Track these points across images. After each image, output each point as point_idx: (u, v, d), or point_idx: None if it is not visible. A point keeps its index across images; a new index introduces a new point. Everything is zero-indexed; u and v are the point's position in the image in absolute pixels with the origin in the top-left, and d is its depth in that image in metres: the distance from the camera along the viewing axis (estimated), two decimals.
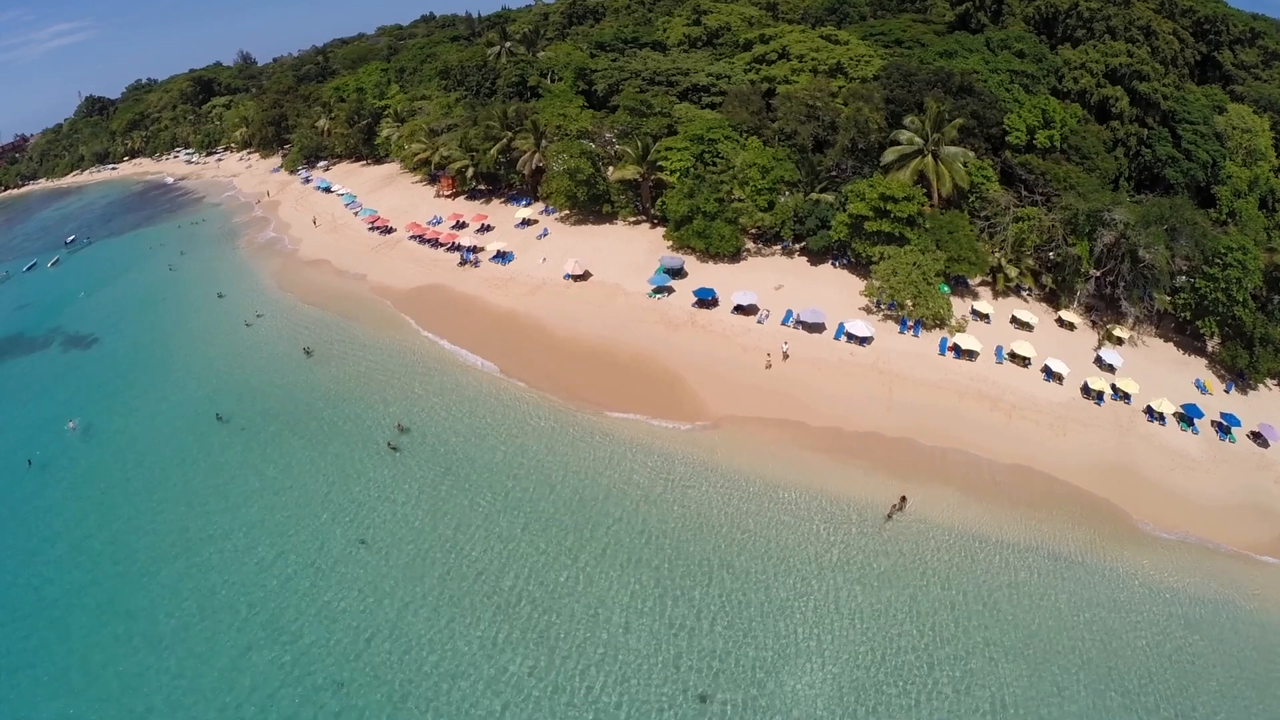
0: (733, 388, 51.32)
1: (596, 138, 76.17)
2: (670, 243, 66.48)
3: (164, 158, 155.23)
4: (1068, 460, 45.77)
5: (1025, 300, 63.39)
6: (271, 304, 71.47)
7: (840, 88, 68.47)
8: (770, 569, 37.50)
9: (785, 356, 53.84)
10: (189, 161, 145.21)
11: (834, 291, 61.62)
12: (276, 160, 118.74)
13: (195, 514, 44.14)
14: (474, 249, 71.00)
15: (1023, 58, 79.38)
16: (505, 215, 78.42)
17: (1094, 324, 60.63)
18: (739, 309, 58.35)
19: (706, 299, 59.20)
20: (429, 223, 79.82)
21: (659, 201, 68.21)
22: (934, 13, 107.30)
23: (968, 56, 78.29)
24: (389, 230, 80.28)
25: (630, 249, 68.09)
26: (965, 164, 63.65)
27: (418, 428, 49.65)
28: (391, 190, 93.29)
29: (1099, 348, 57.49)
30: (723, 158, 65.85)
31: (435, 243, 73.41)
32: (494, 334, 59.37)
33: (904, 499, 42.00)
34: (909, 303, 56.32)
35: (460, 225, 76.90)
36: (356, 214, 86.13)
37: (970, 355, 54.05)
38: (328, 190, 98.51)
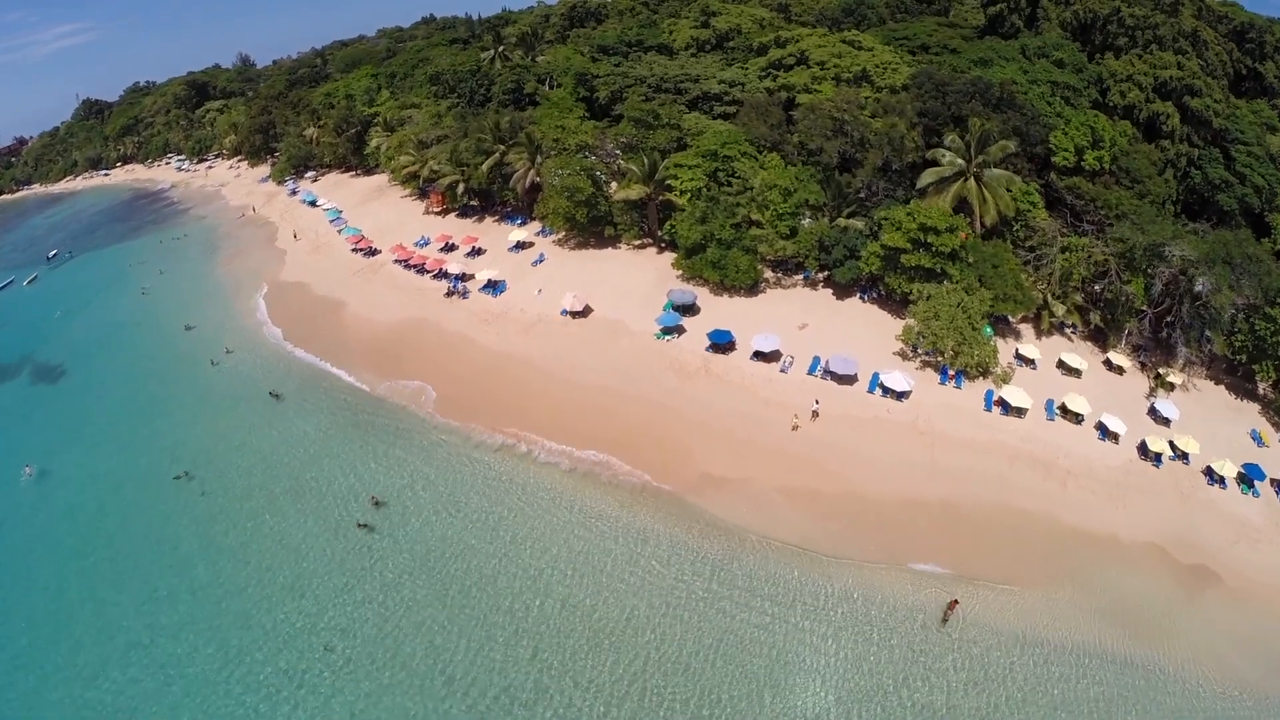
0: (755, 453, 42.14)
1: (598, 151, 66.62)
2: (680, 272, 56.93)
3: (156, 164, 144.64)
4: (1130, 536, 38.14)
5: (1070, 338, 54.06)
6: (242, 337, 62.31)
7: (868, 99, 58.66)
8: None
9: (815, 415, 44.83)
10: (180, 169, 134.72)
11: (864, 331, 52.24)
12: (265, 169, 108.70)
13: (146, 608, 36.01)
14: (463, 277, 61.43)
15: (1062, 67, 69.26)
16: (498, 236, 68.70)
17: (1143, 366, 51.54)
18: (759, 355, 48.90)
19: (722, 343, 49.62)
20: (416, 244, 70.23)
21: (667, 225, 58.77)
22: (957, 15, 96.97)
23: (1004, 65, 68.15)
24: (373, 252, 70.67)
25: (635, 278, 58.52)
26: (1009, 189, 54.26)
27: (395, 500, 40.87)
28: (380, 204, 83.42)
29: (1151, 395, 49.23)
30: (739, 177, 56.12)
31: (421, 269, 63.88)
32: (481, 383, 49.85)
33: (955, 602, 33.70)
34: (951, 350, 47.27)
35: (449, 248, 67.33)
36: (340, 231, 76.50)
37: (1019, 412, 45.18)
38: (313, 204, 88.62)
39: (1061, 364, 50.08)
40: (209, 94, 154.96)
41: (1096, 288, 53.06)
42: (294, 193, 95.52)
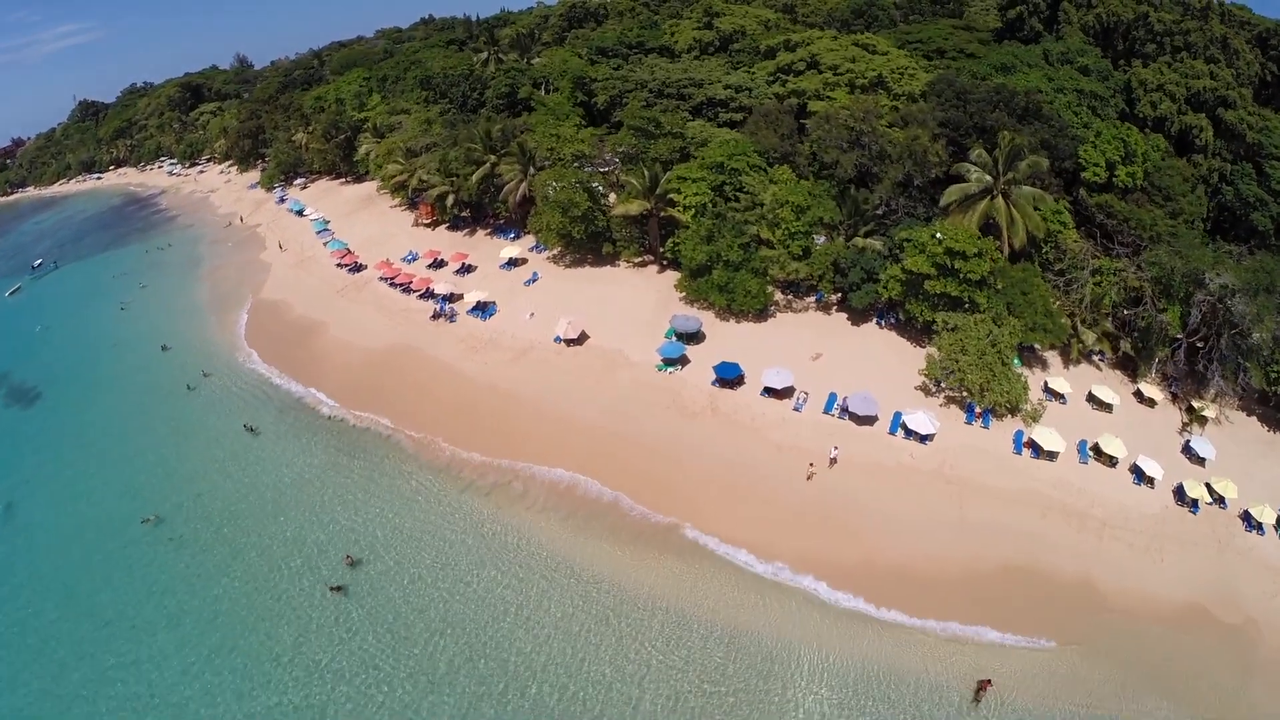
0: (766, 508, 37.03)
1: (596, 160, 61.13)
2: (683, 294, 51.52)
3: (148, 167, 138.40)
4: (1170, 594, 34.19)
5: (1098, 367, 48.87)
6: (220, 359, 57.02)
7: (885, 107, 52.98)
8: None
9: (832, 463, 39.67)
10: (171, 173, 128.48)
11: (882, 361, 46.88)
12: (256, 175, 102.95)
13: (102, 683, 31.17)
14: (450, 297, 55.97)
15: (1088, 74, 63.54)
16: (490, 251, 63.09)
17: (1174, 397, 46.64)
18: (770, 391, 43.79)
19: (730, 378, 44.32)
20: (404, 259, 64.75)
21: (670, 242, 53.44)
22: (971, 17, 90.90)
23: (1027, 72, 62.39)
24: (358, 268, 65.17)
25: (635, 300, 53.02)
26: (1038, 207, 48.80)
27: (373, 558, 35.86)
28: (368, 215, 77.69)
29: (1186, 430, 45.01)
30: (747, 192, 50.70)
31: (407, 288, 58.57)
32: (467, 420, 44.53)
33: (988, 683, 29.41)
34: (979, 388, 42.01)
35: (438, 264, 61.87)
36: (326, 244, 71.00)
37: (1051, 455, 40.26)
38: (300, 213, 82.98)
39: (1092, 397, 45.22)
40: (204, 96, 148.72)
41: (1128, 314, 48.02)
42: (282, 200, 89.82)
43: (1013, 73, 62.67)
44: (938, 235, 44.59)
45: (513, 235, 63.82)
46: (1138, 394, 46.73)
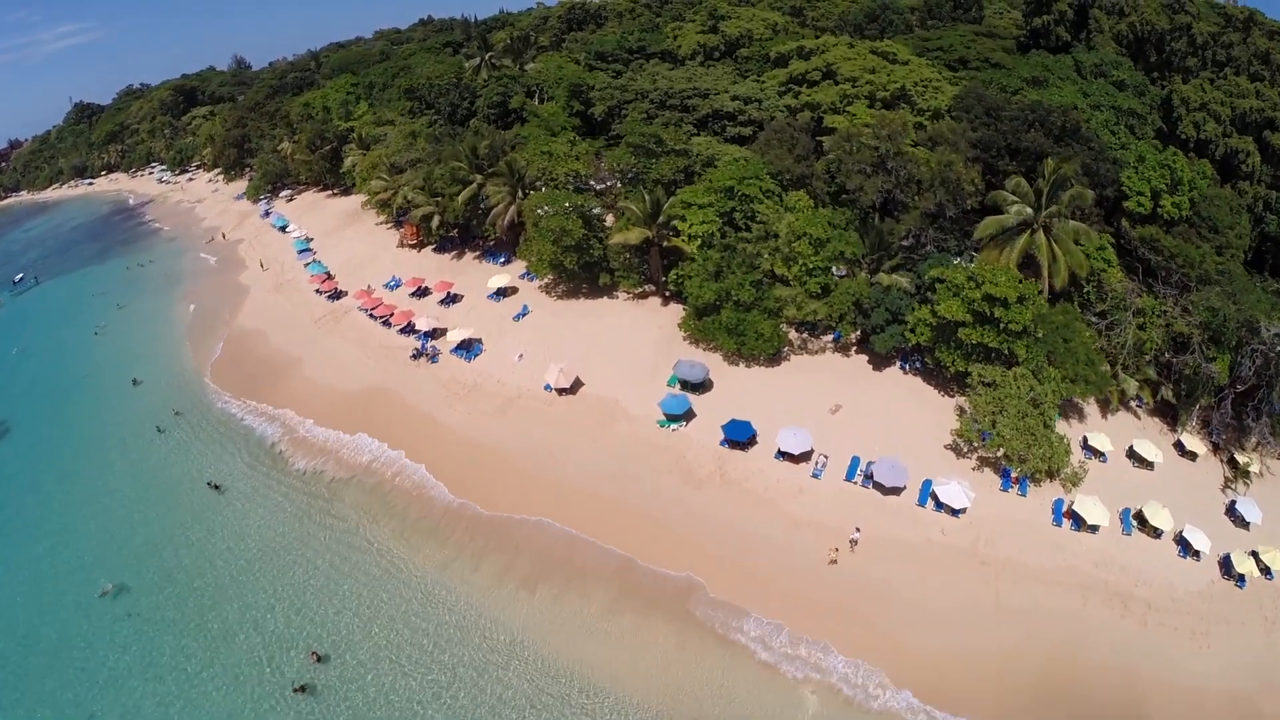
0: (781, 599, 31.18)
1: (592, 180, 54.62)
2: (687, 333, 45.37)
3: (139, 173, 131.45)
4: (1218, 686, 29.32)
5: (1137, 415, 43.14)
6: (191, 397, 51.48)
7: (909, 125, 46.16)
8: None
9: (853, 545, 33.61)
10: (161, 180, 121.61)
11: (907, 413, 40.53)
12: (243, 185, 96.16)
13: None
14: (433, 333, 49.67)
15: (1123, 89, 56.68)
16: (477, 278, 56.44)
17: (1215, 447, 41.08)
18: (786, 455, 37.63)
19: (741, 440, 38.16)
20: (386, 285, 58.33)
21: (673, 273, 47.15)
22: (991, 22, 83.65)
23: (1061, 86, 55.66)
24: (338, 295, 58.70)
25: (634, 338, 46.58)
26: (1079, 241, 42.17)
27: (342, 653, 30.29)
28: (352, 233, 71.06)
29: (1229, 486, 39.20)
30: (760, 221, 44.41)
31: (387, 320, 52.38)
32: (444, 480, 38.49)
33: None
34: (1019, 455, 35.96)
35: (421, 292, 55.38)
36: (307, 265, 64.85)
37: (1092, 527, 34.64)
38: (284, 229, 76.57)
39: (1133, 454, 39.61)
40: (197, 99, 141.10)
41: (1173, 361, 41.87)
42: (266, 214, 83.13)
43: (1045, 86, 55.75)
44: (975, 277, 38.28)
45: (503, 259, 57.38)
46: (1178, 445, 41.20)
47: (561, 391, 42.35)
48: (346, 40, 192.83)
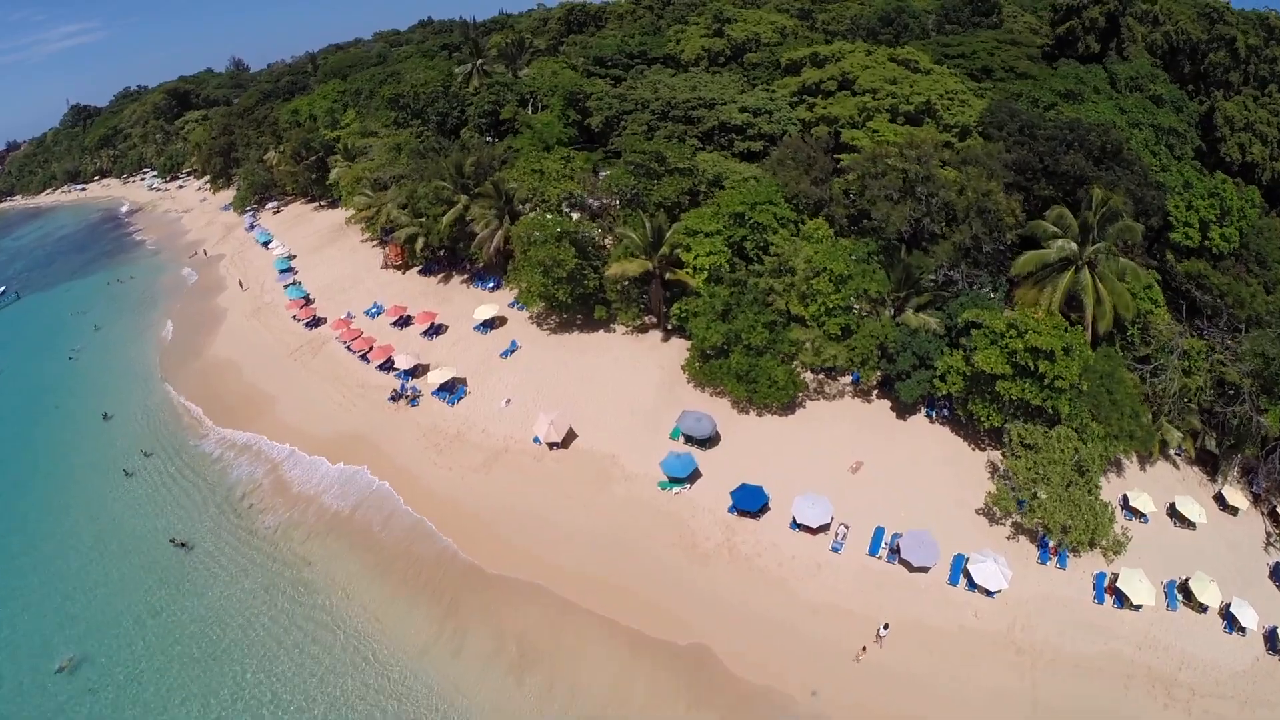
0: (803, 705, 26.22)
1: (588, 201, 48.95)
2: (691, 376, 39.85)
3: (130, 179, 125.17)
4: None
5: (1176, 464, 38.22)
6: (161, 435, 46.57)
7: (934, 143, 40.27)
8: None
9: (879, 638, 28.53)
10: (151, 187, 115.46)
11: (936, 471, 35.13)
12: (230, 194, 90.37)
13: None
14: (415, 371, 44.17)
15: (1160, 105, 50.93)
16: (464, 305, 50.60)
17: (1256, 498, 36.48)
18: (802, 526, 32.34)
19: (752, 510, 32.73)
20: (368, 311, 52.59)
21: (676, 307, 41.40)
22: (1007, 26, 77.29)
23: (1096, 100, 49.84)
24: (316, 322, 53.21)
25: (633, 380, 40.87)
26: (1123, 278, 36.50)
27: None
28: (336, 251, 65.28)
29: (1272, 542, 34.83)
30: (774, 253, 38.72)
31: (365, 356, 46.97)
32: (423, 547, 33.04)
33: None
34: (1061, 528, 30.83)
35: (404, 321, 49.73)
36: (287, 287, 59.42)
37: (1135, 606, 30.01)
38: (267, 245, 70.98)
39: (1175, 512, 34.85)
40: (191, 103, 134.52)
41: (1220, 410, 36.60)
42: (251, 227, 77.31)
43: (1080, 101, 49.78)
44: (1017, 325, 32.76)
45: (492, 284, 51.67)
46: (1219, 499, 37.14)
47: (552, 445, 36.94)
48: (345, 42, 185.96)
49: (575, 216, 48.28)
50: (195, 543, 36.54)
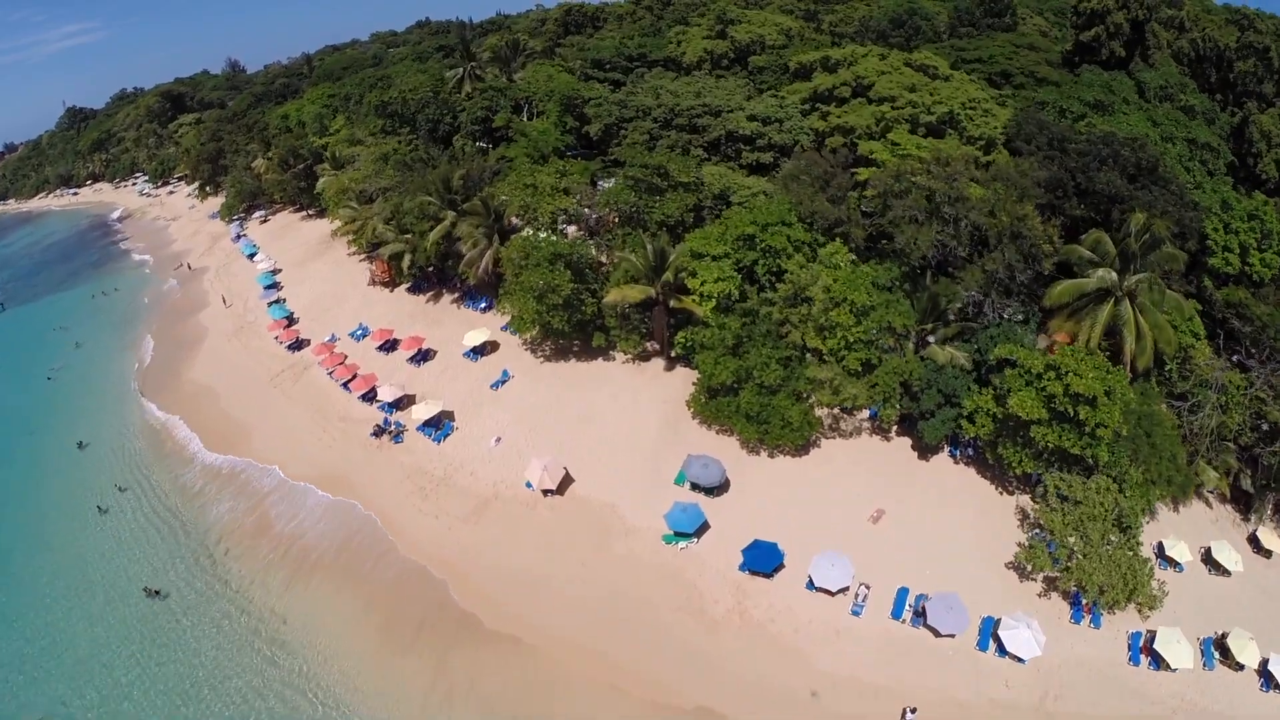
0: None
1: (585, 216, 44.96)
2: (697, 413, 35.77)
3: (122, 184, 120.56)
4: None
5: (1209, 504, 34.94)
6: (136, 467, 43.03)
7: (966, 160, 36.27)
8: None
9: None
10: (142, 193, 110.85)
11: (962, 518, 31.63)
12: (219, 202, 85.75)
13: None
14: (399, 404, 40.40)
15: (1192, 116, 47.00)
16: (453, 327, 46.50)
17: None
18: (819, 588, 28.67)
19: (765, 570, 29.04)
20: (353, 334, 48.60)
21: (681, 335, 37.20)
22: (1027, 29, 72.88)
23: (1127, 112, 45.83)
24: (299, 345, 49.27)
25: (634, 416, 36.80)
26: (1164, 309, 32.84)
27: None
28: (322, 265, 61.07)
29: None
30: (789, 281, 34.48)
31: (348, 384, 43.00)
32: (403, 609, 29.59)
33: None
34: (1099, 587, 27.53)
35: (389, 346, 45.68)
36: (270, 305, 55.43)
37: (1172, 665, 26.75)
38: (252, 257, 66.98)
39: (1210, 559, 31.73)
40: (185, 106, 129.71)
41: (1259, 449, 33.24)
42: (238, 238, 73.22)
43: (1110, 112, 45.69)
44: (1056, 366, 29.01)
45: (483, 305, 47.54)
46: (1253, 541, 33.73)
47: (546, 492, 33.25)
48: (342, 43, 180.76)
49: (572, 231, 44.28)
50: (169, 590, 32.99)
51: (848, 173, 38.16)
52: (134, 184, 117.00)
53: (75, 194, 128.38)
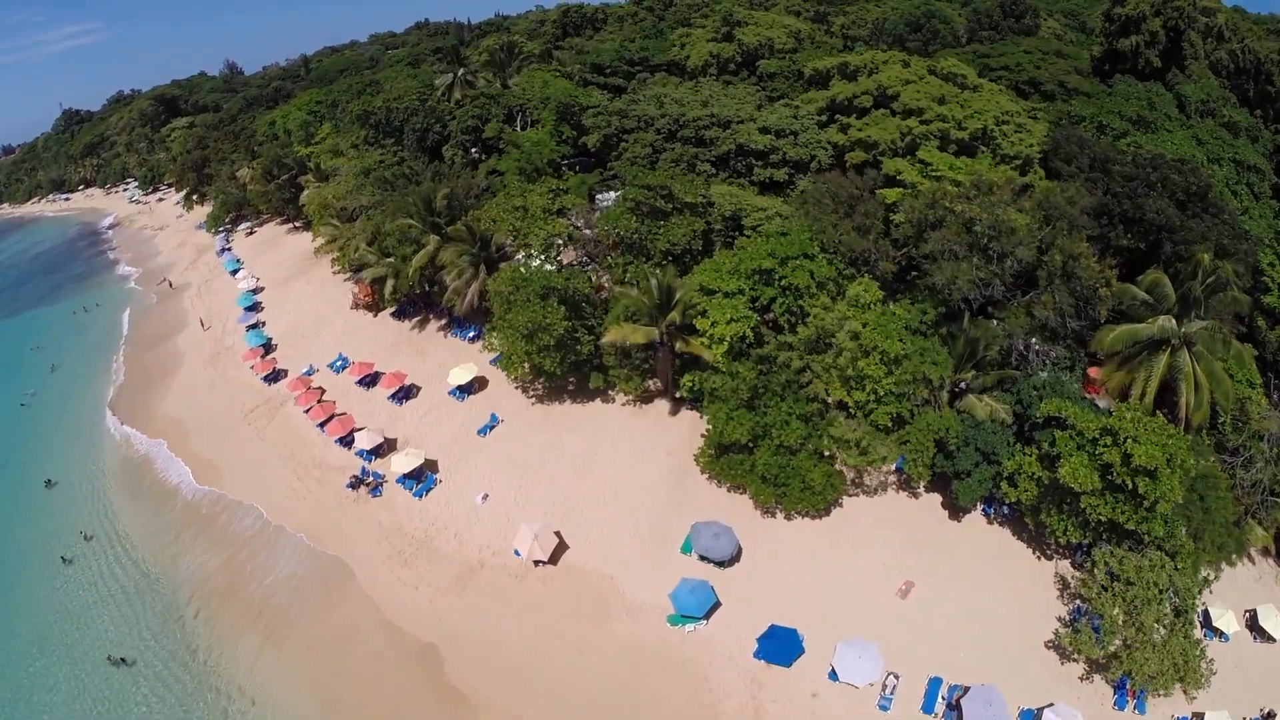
0: None
1: (580, 240, 40.44)
2: (706, 469, 30.94)
3: (114, 190, 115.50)
4: None
5: (1251, 559, 30.48)
6: (104, 513, 38.79)
7: (1013, 186, 31.65)
8: None
9: None
10: (132, 200, 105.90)
11: (998, 589, 27.51)
12: (205, 211, 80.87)
13: None
14: (379, 451, 35.77)
15: (1236, 134, 42.22)
16: (439, 358, 42.11)
17: None
18: (843, 679, 24.48)
19: (784, 662, 24.81)
20: (332, 365, 44.15)
21: (688, 378, 32.60)
22: (1047, 33, 67.68)
23: (1170, 128, 41.15)
24: (276, 376, 44.83)
25: (637, 470, 32.34)
26: (1222, 358, 28.59)
27: None
28: (305, 283, 56.36)
29: None
30: (810, 324, 29.49)
31: (325, 424, 38.71)
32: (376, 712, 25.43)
33: None
34: (1149, 675, 23.57)
35: (369, 380, 41.08)
36: (248, 330, 50.82)
37: None
38: (235, 273, 62.40)
39: (1255, 626, 27.77)
40: (179, 109, 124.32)
41: None
42: (222, 251, 68.71)
43: (1153, 129, 40.88)
44: (1114, 432, 24.61)
45: (472, 333, 42.98)
46: None
47: (538, 562, 28.96)
48: (340, 45, 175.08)
49: (567, 249, 39.59)
50: (135, 658, 29.17)
51: (878, 199, 33.34)
52: (125, 189, 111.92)
53: (68, 199, 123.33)
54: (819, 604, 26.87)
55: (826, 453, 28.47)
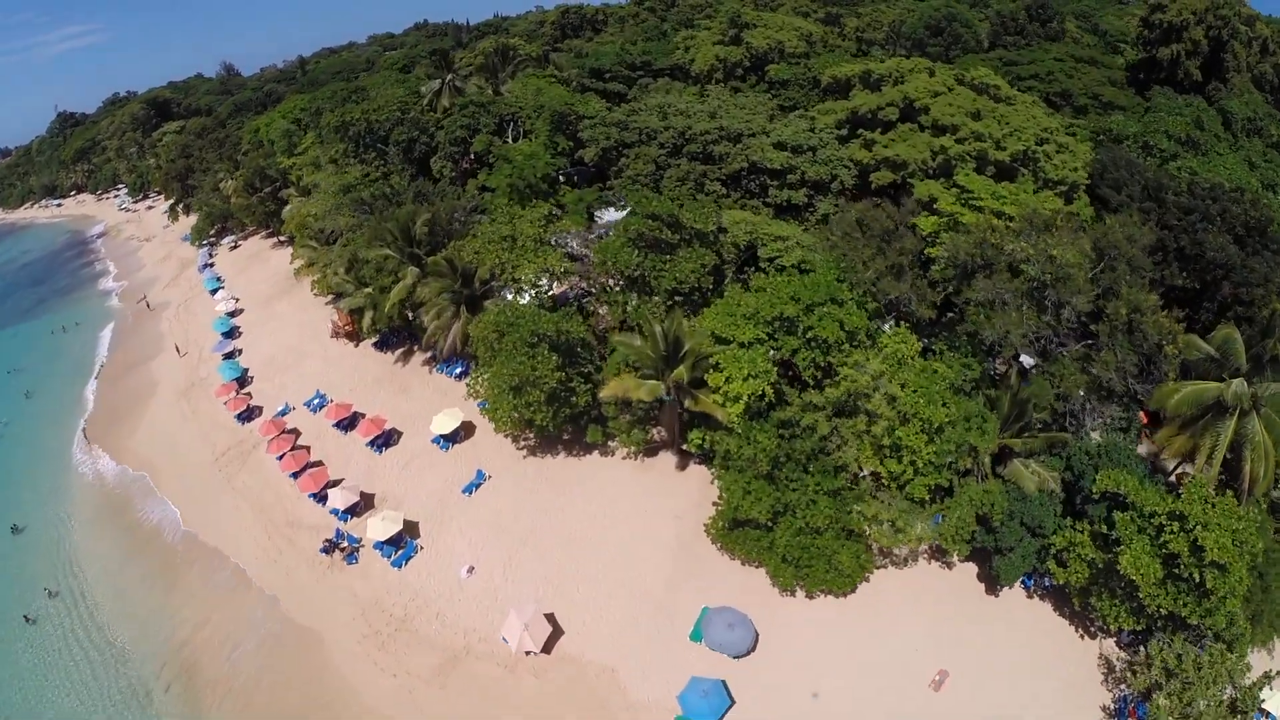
0: None
1: (576, 270, 36.15)
2: (717, 538, 26.79)
3: (105, 196, 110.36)
4: None
5: None
6: (69, 567, 35.05)
7: (1071, 224, 27.18)
8: None
9: None
10: (121, 207, 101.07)
11: (1037, 675, 23.62)
12: (192, 222, 76.21)
13: None
14: (354, 509, 31.72)
15: None
16: (423, 397, 37.92)
17: None
18: None
19: None
20: (308, 403, 39.65)
21: (696, 434, 28.22)
22: (1072, 38, 62.57)
23: (1221, 151, 36.57)
24: (250, 414, 40.63)
25: (640, 538, 28.24)
26: None
27: None
28: (286, 305, 52.03)
29: None
30: (840, 384, 24.96)
31: (298, 474, 34.19)
32: None
33: None
34: None
35: (347, 423, 36.72)
36: (223, 361, 46.24)
37: None
38: (214, 293, 57.76)
39: None
40: (172, 113, 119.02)
41: None
42: (205, 267, 64.40)
43: (1203, 151, 36.40)
44: (1183, 516, 20.59)
45: (459, 370, 38.58)
46: None
47: (529, 652, 25.11)
48: (338, 46, 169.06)
49: (562, 279, 35.30)
50: None
51: (915, 232, 28.77)
52: (115, 196, 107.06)
53: (59, 205, 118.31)
54: (845, 701, 22.98)
55: (857, 529, 24.47)
